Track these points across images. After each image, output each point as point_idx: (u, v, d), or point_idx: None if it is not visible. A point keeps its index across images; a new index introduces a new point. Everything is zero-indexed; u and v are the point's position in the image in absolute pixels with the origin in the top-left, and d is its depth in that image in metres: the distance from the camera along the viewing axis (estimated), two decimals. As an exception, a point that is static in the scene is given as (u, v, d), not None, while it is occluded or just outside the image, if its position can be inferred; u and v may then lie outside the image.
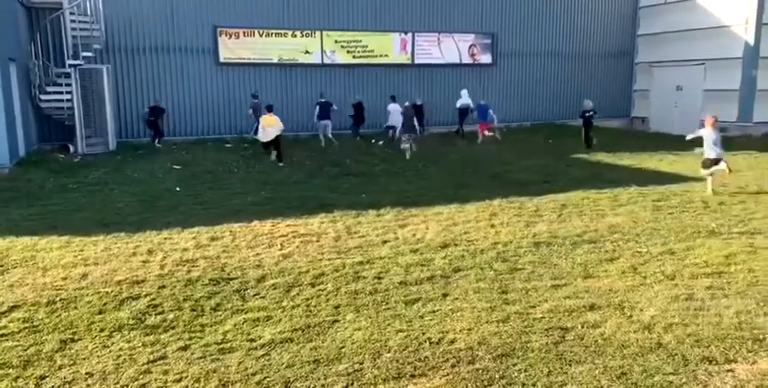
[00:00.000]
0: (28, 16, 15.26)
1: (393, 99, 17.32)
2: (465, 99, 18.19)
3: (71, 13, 14.35)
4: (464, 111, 18.11)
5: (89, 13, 14.83)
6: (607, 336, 4.41)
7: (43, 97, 14.66)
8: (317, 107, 16.35)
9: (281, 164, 13.01)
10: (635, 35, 22.27)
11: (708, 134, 9.87)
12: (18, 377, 3.89)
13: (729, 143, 16.58)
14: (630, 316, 4.77)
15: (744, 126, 18.22)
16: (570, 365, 3.98)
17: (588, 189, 10.04)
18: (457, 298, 5.20)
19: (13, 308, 5.01)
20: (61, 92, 14.62)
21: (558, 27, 21.10)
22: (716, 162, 9.74)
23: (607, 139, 13.70)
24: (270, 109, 13.51)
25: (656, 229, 7.46)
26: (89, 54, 14.68)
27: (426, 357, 4.12)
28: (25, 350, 4.25)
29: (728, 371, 3.88)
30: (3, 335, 4.51)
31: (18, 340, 4.42)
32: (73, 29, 14.38)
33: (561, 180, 11.14)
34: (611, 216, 8.27)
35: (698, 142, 10.33)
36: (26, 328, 4.63)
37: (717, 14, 19.13)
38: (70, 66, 14.26)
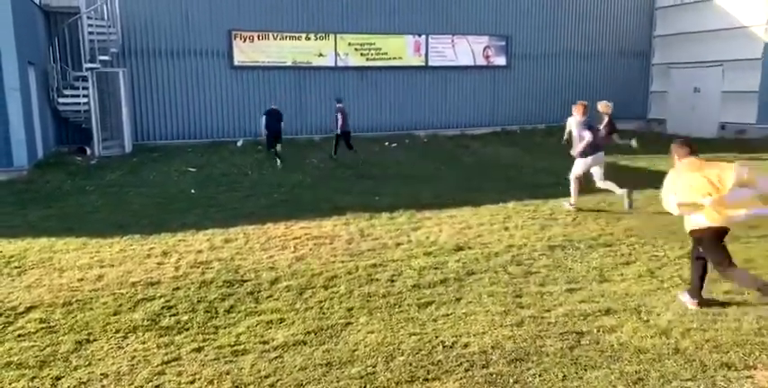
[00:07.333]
0: (46, 21, 15.47)
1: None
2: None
3: (88, 18, 14.52)
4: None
5: (106, 17, 15.00)
6: (623, 341, 4.36)
7: (61, 100, 14.84)
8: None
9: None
10: (651, 36, 22.05)
11: None
12: (35, 377, 3.92)
13: (748, 145, 16.45)
14: (647, 321, 4.71)
15: (763, 128, 17.95)
16: (585, 370, 3.93)
17: (603, 191, 9.93)
18: (471, 302, 5.16)
19: (30, 309, 5.07)
20: (78, 96, 14.79)
21: (573, 28, 20.94)
22: None
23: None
24: None
25: (673, 232, 7.36)
26: (106, 58, 14.87)
27: (440, 360, 4.09)
28: (42, 351, 4.30)
29: (748, 377, 3.81)
30: (20, 335, 4.56)
31: (35, 341, 4.46)
32: (90, 33, 14.54)
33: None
34: (627, 218, 8.18)
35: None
36: (43, 328, 4.68)
37: (735, 15, 18.86)
38: (87, 69, 14.44)
